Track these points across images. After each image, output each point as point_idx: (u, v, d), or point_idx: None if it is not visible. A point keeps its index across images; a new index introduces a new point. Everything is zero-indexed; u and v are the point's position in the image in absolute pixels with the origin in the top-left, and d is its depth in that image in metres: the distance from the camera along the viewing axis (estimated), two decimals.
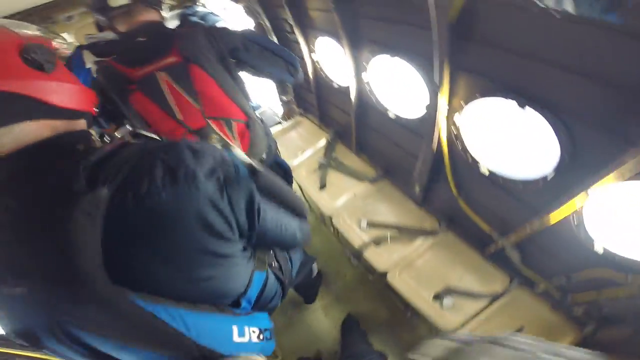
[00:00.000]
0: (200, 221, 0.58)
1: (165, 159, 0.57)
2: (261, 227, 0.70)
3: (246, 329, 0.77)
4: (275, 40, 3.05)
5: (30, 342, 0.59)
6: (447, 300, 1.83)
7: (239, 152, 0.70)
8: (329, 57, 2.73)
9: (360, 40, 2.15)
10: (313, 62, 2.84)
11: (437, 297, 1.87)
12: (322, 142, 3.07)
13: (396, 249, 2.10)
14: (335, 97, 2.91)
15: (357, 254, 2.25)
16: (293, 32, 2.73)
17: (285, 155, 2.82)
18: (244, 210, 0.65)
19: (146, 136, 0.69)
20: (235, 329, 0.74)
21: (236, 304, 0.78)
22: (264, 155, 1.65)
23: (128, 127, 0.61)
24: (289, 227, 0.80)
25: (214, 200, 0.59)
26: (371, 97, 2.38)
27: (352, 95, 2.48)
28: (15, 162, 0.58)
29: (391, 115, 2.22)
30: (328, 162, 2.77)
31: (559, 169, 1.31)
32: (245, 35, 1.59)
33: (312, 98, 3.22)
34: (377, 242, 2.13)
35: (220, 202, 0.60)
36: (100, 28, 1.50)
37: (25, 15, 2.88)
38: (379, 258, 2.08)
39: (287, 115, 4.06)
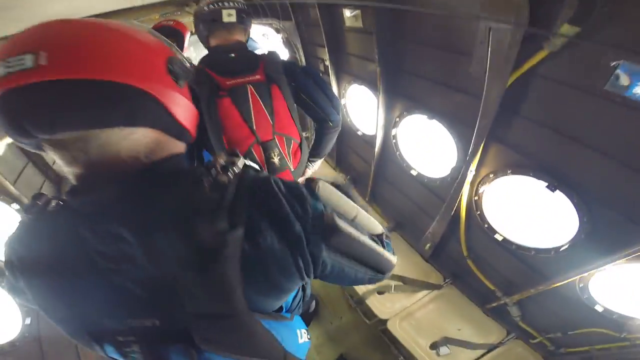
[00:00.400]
0: (292, 266, 0.62)
1: (280, 208, 0.59)
2: (323, 275, 0.70)
3: (303, 332, 0.86)
4: None
5: None
6: (444, 349, 1.88)
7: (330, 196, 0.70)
8: (358, 103, 2.71)
9: (398, 95, 2.12)
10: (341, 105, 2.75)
11: (434, 346, 1.91)
12: None
13: (399, 299, 2.12)
14: (356, 144, 2.87)
15: (359, 301, 2.26)
16: (327, 73, 2.70)
17: None
18: (317, 267, 0.66)
19: (252, 167, 0.67)
20: (299, 332, 0.83)
21: (279, 309, 0.80)
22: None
23: (243, 160, 0.63)
24: (358, 279, 0.76)
25: (300, 254, 0.61)
26: (395, 152, 2.34)
27: (377, 146, 2.43)
28: (132, 182, 0.56)
29: (413, 172, 2.19)
30: None
31: (573, 244, 1.32)
32: (304, 67, 1.78)
33: None
34: (381, 291, 2.15)
35: (305, 255, 0.62)
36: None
37: (126, 11, 3.00)
38: (381, 306, 2.10)
39: None
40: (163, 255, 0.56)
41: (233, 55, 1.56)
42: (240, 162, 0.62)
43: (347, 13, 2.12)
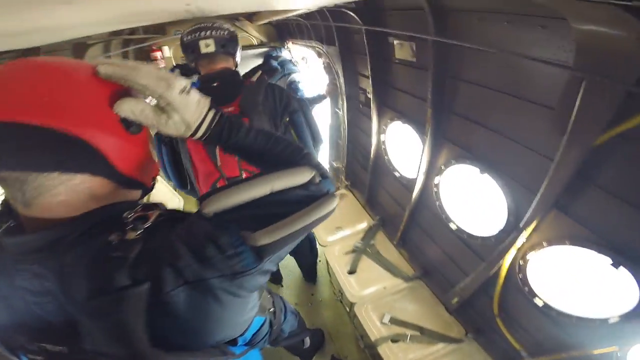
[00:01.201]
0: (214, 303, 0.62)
1: (178, 259, 0.57)
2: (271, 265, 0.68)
3: None
4: (344, 105, 2.94)
5: None
6: None
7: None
8: (399, 143, 2.50)
9: (448, 140, 1.90)
10: (379, 142, 2.60)
11: None
12: (363, 225, 2.83)
13: (413, 349, 2.00)
14: (392, 185, 2.65)
15: (370, 345, 2.15)
16: (367, 106, 2.51)
17: (321, 229, 2.72)
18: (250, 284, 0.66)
19: (170, 213, 0.67)
20: None
21: (233, 342, 0.81)
22: None
23: (161, 207, 0.65)
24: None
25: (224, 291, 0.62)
26: (435, 201, 2.12)
27: (415, 192, 2.22)
28: (53, 237, 0.58)
29: (452, 225, 2.02)
30: (364, 248, 2.55)
31: (626, 318, 1.24)
32: (301, 102, 1.76)
33: (364, 176, 2.98)
34: (395, 339, 2.03)
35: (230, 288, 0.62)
36: None
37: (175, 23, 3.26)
38: (393, 355, 1.98)
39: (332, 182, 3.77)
40: (73, 297, 0.58)
41: (215, 84, 1.57)
42: (152, 213, 0.63)
43: (398, 44, 1.90)
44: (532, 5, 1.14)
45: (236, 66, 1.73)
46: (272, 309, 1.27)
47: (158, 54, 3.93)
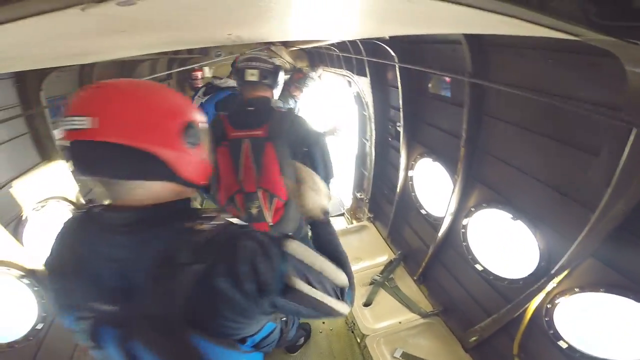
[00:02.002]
0: (240, 305, 0.75)
1: (239, 264, 0.73)
2: (280, 310, 0.83)
3: None
4: (373, 136, 2.93)
5: (95, 341, 0.79)
6: None
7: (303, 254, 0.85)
8: (428, 180, 2.45)
9: (480, 182, 1.83)
10: (406, 177, 2.54)
11: None
12: (383, 259, 2.77)
13: None
14: (417, 221, 2.57)
15: None
16: (397, 139, 2.46)
17: None
18: (269, 308, 0.79)
19: (237, 224, 0.81)
20: None
21: (242, 341, 0.89)
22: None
23: (226, 217, 0.81)
24: (312, 316, 0.90)
25: (250, 301, 0.75)
26: (462, 242, 2.04)
27: (441, 231, 2.14)
28: (135, 218, 0.76)
29: (478, 267, 1.95)
30: (382, 282, 2.50)
31: None
32: (320, 136, 1.89)
33: (389, 210, 2.91)
34: None
35: (253, 302, 0.76)
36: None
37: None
38: None
39: (353, 212, 3.73)
40: (142, 266, 0.73)
41: (251, 108, 1.78)
42: (222, 217, 0.79)
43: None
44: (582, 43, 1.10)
45: (273, 96, 1.92)
46: (284, 318, 1.33)
47: (199, 74, 4.17)
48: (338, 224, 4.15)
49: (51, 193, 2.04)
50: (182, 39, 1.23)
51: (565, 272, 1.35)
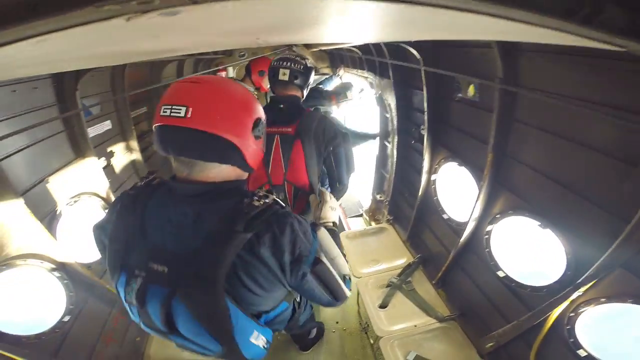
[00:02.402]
0: (273, 273, 0.91)
1: (282, 236, 0.88)
2: (299, 287, 1.00)
3: (260, 336, 1.07)
4: (395, 139, 2.90)
5: (140, 298, 0.91)
6: None
7: (324, 240, 1.07)
8: (451, 184, 2.41)
9: (507, 189, 1.79)
10: (429, 181, 2.50)
11: None
12: (401, 262, 2.73)
13: None
14: (438, 226, 2.53)
15: None
16: (420, 142, 2.42)
17: (356, 259, 2.71)
18: (296, 279, 0.95)
19: (280, 204, 0.96)
20: (255, 333, 1.04)
21: (258, 316, 1.06)
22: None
23: (274, 197, 0.98)
24: (321, 299, 1.08)
25: (285, 269, 0.92)
26: (485, 249, 2.00)
27: (463, 237, 2.10)
28: (204, 190, 0.91)
29: (500, 273, 1.92)
30: (400, 285, 2.47)
31: None
32: (346, 136, 1.99)
33: (409, 213, 2.88)
34: None
35: (287, 271, 0.92)
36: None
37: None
38: None
39: (372, 213, 3.70)
40: (201, 232, 0.87)
41: (282, 106, 1.88)
42: (271, 198, 0.94)
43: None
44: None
45: (303, 96, 2.04)
46: (297, 299, 1.41)
47: (223, 74, 4.28)
48: (356, 224, 4.16)
49: (83, 189, 2.13)
50: (211, 43, 1.26)
51: (593, 282, 1.33)
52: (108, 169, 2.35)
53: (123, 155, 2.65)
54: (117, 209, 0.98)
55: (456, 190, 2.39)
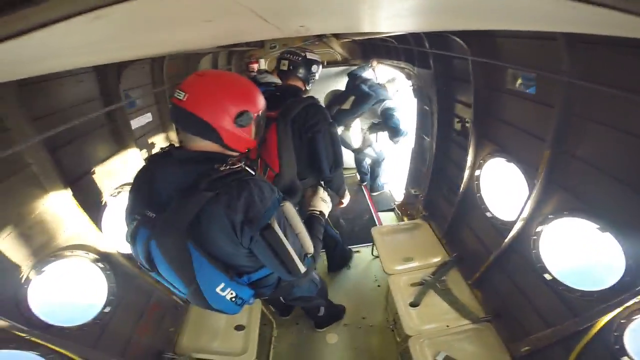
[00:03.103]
0: (228, 230, 1.09)
1: (238, 198, 1.06)
2: (253, 249, 1.16)
3: (228, 289, 1.22)
4: (434, 131, 2.81)
5: (132, 238, 1.17)
6: None
7: (289, 213, 1.24)
8: (497, 181, 2.29)
9: (562, 188, 1.68)
10: (472, 176, 2.38)
11: None
12: (436, 259, 2.66)
13: None
14: (479, 224, 2.43)
15: None
16: (464, 136, 2.29)
17: (388, 256, 2.67)
18: (247, 241, 1.12)
19: (247, 171, 1.14)
20: (221, 285, 1.20)
21: (239, 274, 1.27)
22: None
23: (244, 166, 1.15)
24: (275, 268, 1.23)
25: (236, 228, 1.08)
26: (532, 250, 1.90)
27: (509, 236, 2.00)
28: (189, 156, 1.16)
29: (547, 276, 1.83)
30: (433, 283, 2.41)
31: None
32: (331, 126, 2.11)
33: (447, 210, 2.78)
34: None
35: (238, 231, 1.09)
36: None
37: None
38: None
39: (405, 208, 3.60)
40: (180, 187, 1.09)
41: (278, 94, 2.06)
42: (240, 166, 1.13)
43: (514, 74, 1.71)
44: None
45: (305, 87, 2.25)
46: None
47: (255, 66, 4.32)
48: (387, 219, 4.11)
49: (126, 180, 2.20)
50: (254, 30, 1.24)
51: None
52: None
53: (163, 146, 2.72)
54: (142, 167, 1.27)
55: (500, 187, 2.28)
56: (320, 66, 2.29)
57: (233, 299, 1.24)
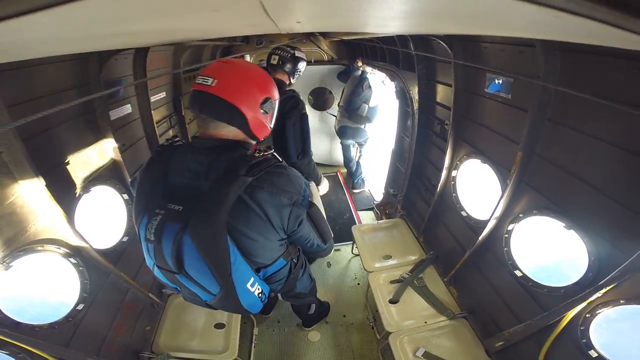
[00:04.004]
0: (271, 215, 1.12)
1: (281, 184, 1.11)
2: (295, 232, 1.22)
3: (256, 284, 1.25)
4: (414, 133, 2.88)
5: (158, 235, 1.07)
6: None
7: (313, 190, 1.66)
8: (472, 182, 2.36)
9: (534, 189, 1.76)
10: (449, 177, 2.46)
11: None
12: (414, 257, 2.74)
13: None
14: (454, 223, 2.51)
15: None
16: (442, 138, 2.37)
17: (368, 253, 2.74)
18: (294, 223, 1.18)
19: (276, 157, 1.18)
20: (251, 280, 1.22)
21: (257, 271, 1.28)
22: None
23: (273, 153, 1.19)
24: (313, 243, 1.33)
25: (284, 212, 1.13)
26: (503, 247, 1.98)
27: (482, 235, 2.08)
28: (216, 143, 1.14)
29: (517, 273, 1.91)
30: (411, 280, 2.48)
31: None
32: (303, 117, 2.26)
33: (424, 209, 2.86)
34: None
35: (285, 214, 1.14)
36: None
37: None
38: None
39: (383, 207, 3.67)
40: (211, 176, 1.08)
41: None
42: (270, 153, 1.16)
43: (492, 78, 1.78)
44: None
45: (289, 81, 2.40)
46: (294, 259, 1.56)
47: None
48: (366, 218, 4.18)
49: (102, 172, 2.13)
50: (251, 23, 1.24)
51: (614, 284, 1.33)
52: (126, 153, 2.34)
53: (142, 139, 2.64)
54: (146, 163, 1.22)
55: (474, 187, 2.36)
56: (305, 63, 2.43)
57: (259, 295, 1.27)
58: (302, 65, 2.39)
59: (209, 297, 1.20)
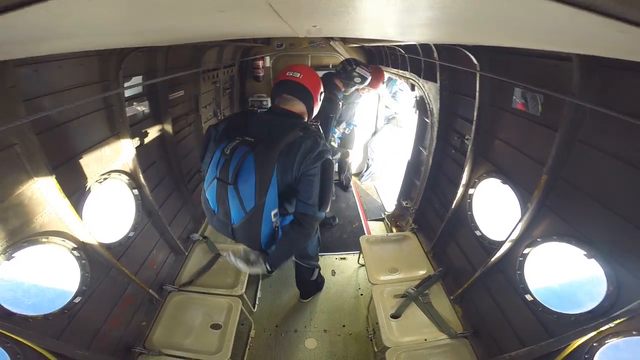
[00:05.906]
0: (302, 158, 1.52)
1: (311, 145, 1.52)
2: (304, 176, 1.54)
3: (277, 216, 1.58)
4: (433, 145, 2.78)
5: (231, 152, 1.47)
6: None
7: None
8: (490, 201, 2.27)
9: (553, 212, 1.67)
10: (465, 194, 2.36)
11: None
12: (421, 273, 2.67)
13: None
14: (467, 242, 2.42)
15: None
16: (462, 152, 2.26)
17: (374, 266, 2.69)
18: (312, 162, 1.52)
19: (319, 129, 1.94)
20: (275, 210, 1.55)
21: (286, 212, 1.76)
22: None
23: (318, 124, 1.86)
24: (313, 200, 1.57)
25: (312, 151, 1.52)
26: (516, 271, 1.89)
27: (495, 256, 1.99)
28: (287, 112, 1.70)
29: (528, 297, 1.83)
30: (416, 296, 2.41)
31: None
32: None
33: (437, 224, 2.77)
34: None
35: (312, 154, 1.51)
36: None
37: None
38: None
39: (394, 219, 3.58)
40: (278, 127, 1.58)
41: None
42: (316, 125, 2.00)
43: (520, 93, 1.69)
44: None
45: (343, 89, 2.95)
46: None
47: (260, 63, 4.34)
48: (376, 229, 4.08)
49: (114, 167, 2.14)
50: (266, 25, 1.22)
51: (630, 316, 1.27)
52: (140, 149, 2.35)
53: (157, 136, 2.65)
54: (233, 117, 1.74)
55: (491, 206, 2.27)
56: (362, 80, 2.97)
57: (275, 228, 1.61)
58: (357, 80, 2.93)
59: (241, 215, 1.51)
